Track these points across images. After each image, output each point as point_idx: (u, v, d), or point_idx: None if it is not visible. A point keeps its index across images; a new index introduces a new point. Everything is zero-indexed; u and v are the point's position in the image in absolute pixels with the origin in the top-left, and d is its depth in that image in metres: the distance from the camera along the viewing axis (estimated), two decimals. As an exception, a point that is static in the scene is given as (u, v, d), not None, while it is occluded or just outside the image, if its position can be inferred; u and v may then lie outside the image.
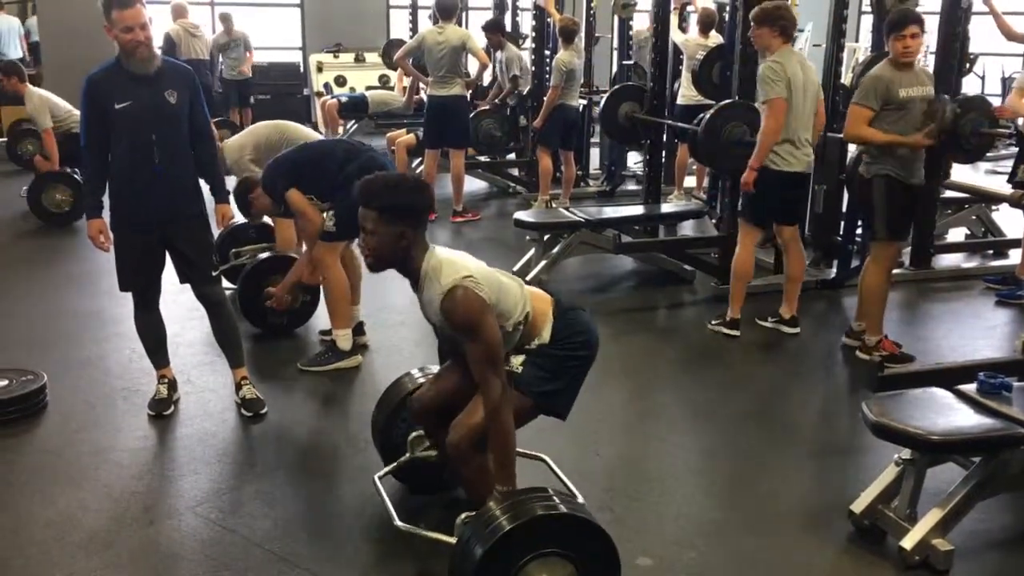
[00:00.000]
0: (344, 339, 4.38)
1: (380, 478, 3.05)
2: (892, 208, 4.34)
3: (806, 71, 4.64)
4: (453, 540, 2.56)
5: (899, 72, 4.28)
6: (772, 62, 4.54)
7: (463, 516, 2.57)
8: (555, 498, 2.48)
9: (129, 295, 3.80)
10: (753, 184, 4.61)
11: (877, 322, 4.51)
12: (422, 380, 3.12)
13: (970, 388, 3.01)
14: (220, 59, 10.80)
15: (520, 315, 2.63)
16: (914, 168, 4.36)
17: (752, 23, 4.70)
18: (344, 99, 10.49)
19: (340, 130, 10.50)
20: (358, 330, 4.56)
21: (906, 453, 2.91)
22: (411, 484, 3.20)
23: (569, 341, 2.69)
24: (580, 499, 2.83)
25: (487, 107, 8.52)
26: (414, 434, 3.06)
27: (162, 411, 3.83)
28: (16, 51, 11.31)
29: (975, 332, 5.08)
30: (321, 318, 4.80)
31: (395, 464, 3.08)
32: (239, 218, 5.15)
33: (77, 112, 6.45)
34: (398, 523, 2.78)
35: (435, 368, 3.13)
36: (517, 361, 2.66)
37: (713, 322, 4.95)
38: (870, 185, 4.38)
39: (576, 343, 2.69)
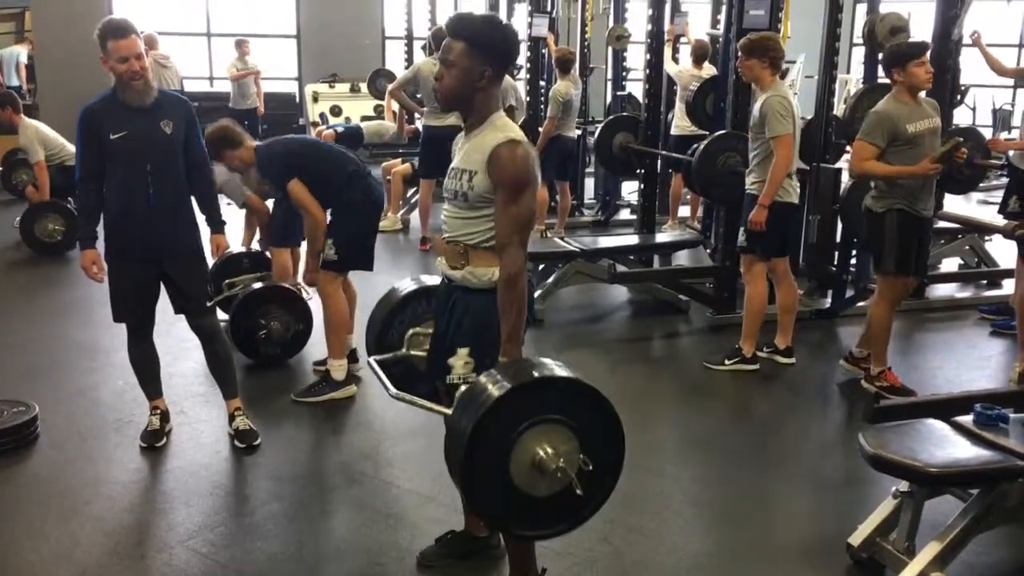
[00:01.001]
0: (339, 369, 4.36)
1: (376, 361, 2.85)
2: (903, 242, 4.30)
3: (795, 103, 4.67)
4: (450, 411, 2.39)
5: (906, 107, 4.24)
6: (780, 97, 4.52)
7: (463, 387, 2.41)
8: (553, 365, 2.37)
9: (122, 325, 3.78)
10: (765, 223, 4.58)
11: (881, 353, 4.50)
12: (418, 285, 2.99)
13: (966, 420, 3.00)
14: (232, 87, 10.82)
15: None
16: (925, 199, 4.33)
17: (741, 54, 4.71)
18: (340, 129, 10.53)
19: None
20: (351, 357, 4.54)
21: (904, 485, 2.90)
22: (401, 386, 2.90)
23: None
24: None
25: None
26: (411, 331, 2.93)
27: (154, 443, 3.80)
28: (17, 79, 11.37)
29: (970, 363, 5.08)
30: (314, 348, 4.78)
31: (390, 355, 2.90)
32: (234, 248, 5.16)
33: (70, 146, 6.46)
34: (392, 391, 2.62)
35: (428, 277, 3.03)
36: (460, 363, 2.47)
37: (728, 362, 4.83)
38: (882, 219, 4.32)
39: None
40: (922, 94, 4.37)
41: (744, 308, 4.90)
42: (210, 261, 3.99)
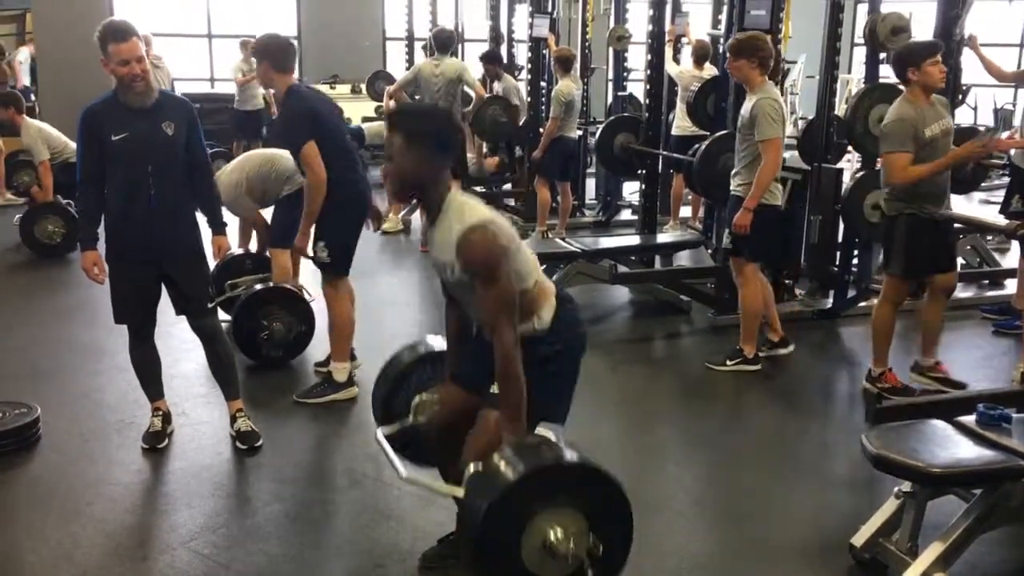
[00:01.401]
0: (341, 372, 4.35)
1: (384, 436, 2.87)
2: (913, 247, 4.23)
3: None
4: (462, 492, 2.44)
5: (920, 109, 4.14)
6: (772, 100, 4.49)
7: (472, 468, 2.44)
8: (563, 447, 2.40)
9: (123, 327, 3.78)
10: (750, 226, 4.56)
11: (882, 355, 4.47)
12: (423, 351, 3.02)
13: (969, 420, 3.00)
14: (236, 89, 10.77)
15: (530, 282, 2.57)
16: (941, 200, 4.24)
17: (729, 55, 4.66)
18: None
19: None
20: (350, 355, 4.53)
21: (906, 486, 2.89)
22: (409, 453, 2.98)
23: (566, 337, 2.63)
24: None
25: (490, 95, 8.44)
26: (417, 399, 2.91)
27: (156, 444, 3.80)
28: (24, 79, 11.39)
29: (973, 363, 5.07)
30: (316, 350, 4.78)
31: (397, 424, 2.91)
32: (235, 250, 5.16)
33: (73, 143, 6.46)
34: (404, 474, 2.64)
35: (433, 339, 3.05)
36: None
37: (730, 362, 4.81)
38: (893, 223, 4.27)
39: (575, 336, 2.67)
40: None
41: (740, 310, 4.89)
42: (212, 262, 3.98)
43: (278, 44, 4.23)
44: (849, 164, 7.34)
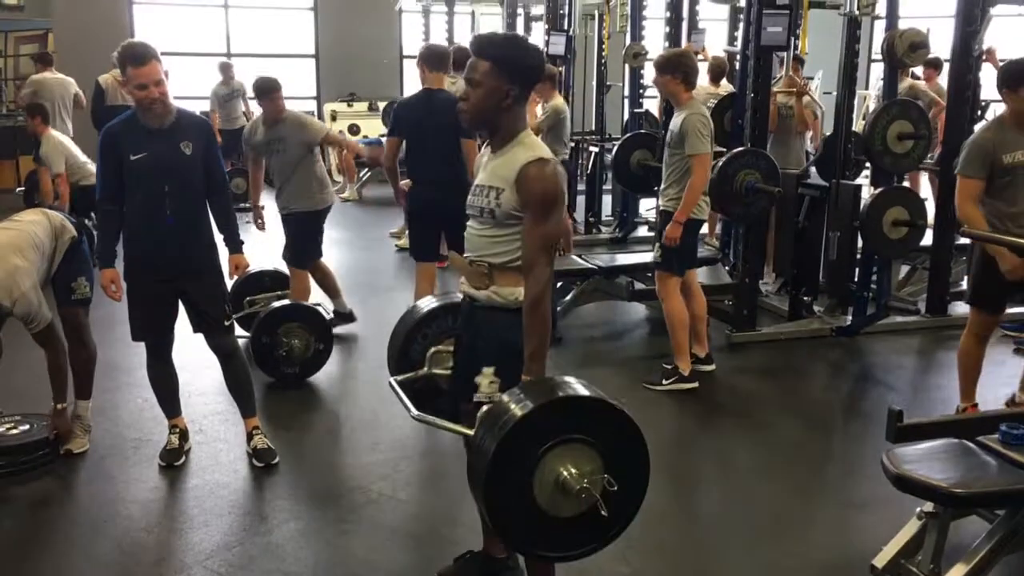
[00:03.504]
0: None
1: (397, 382, 2.83)
2: (981, 271, 4.01)
3: None
4: (472, 432, 2.35)
5: (1004, 133, 3.88)
6: (700, 116, 4.50)
7: (484, 408, 2.36)
8: (576, 383, 2.33)
9: (140, 344, 3.79)
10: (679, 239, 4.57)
11: (963, 388, 4.24)
12: (442, 301, 2.97)
13: (992, 439, 2.95)
14: (218, 110, 10.64)
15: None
16: (1018, 223, 3.89)
17: (655, 71, 4.65)
18: (363, 145, 10.53)
19: (355, 178, 10.59)
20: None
21: (929, 506, 2.85)
22: (422, 406, 2.85)
23: None
24: None
25: None
26: (433, 349, 2.91)
27: (173, 461, 3.81)
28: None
29: (995, 381, 4.99)
30: (334, 367, 4.78)
31: (412, 374, 2.89)
32: (253, 267, 5.16)
33: (91, 166, 6.53)
34: (414, 412, 2.58)
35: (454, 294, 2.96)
36: (485, 382, 2.42)
37: (666, 382, 4.73)
38: (972, 245, 4.09)
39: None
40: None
41: (668, 326, 4.80)
42: (229, 282, 3.99)
43: (430, 49, 5.24)
44: (867, 180, 7.30)
